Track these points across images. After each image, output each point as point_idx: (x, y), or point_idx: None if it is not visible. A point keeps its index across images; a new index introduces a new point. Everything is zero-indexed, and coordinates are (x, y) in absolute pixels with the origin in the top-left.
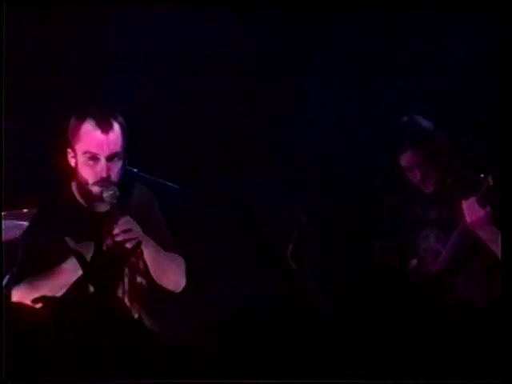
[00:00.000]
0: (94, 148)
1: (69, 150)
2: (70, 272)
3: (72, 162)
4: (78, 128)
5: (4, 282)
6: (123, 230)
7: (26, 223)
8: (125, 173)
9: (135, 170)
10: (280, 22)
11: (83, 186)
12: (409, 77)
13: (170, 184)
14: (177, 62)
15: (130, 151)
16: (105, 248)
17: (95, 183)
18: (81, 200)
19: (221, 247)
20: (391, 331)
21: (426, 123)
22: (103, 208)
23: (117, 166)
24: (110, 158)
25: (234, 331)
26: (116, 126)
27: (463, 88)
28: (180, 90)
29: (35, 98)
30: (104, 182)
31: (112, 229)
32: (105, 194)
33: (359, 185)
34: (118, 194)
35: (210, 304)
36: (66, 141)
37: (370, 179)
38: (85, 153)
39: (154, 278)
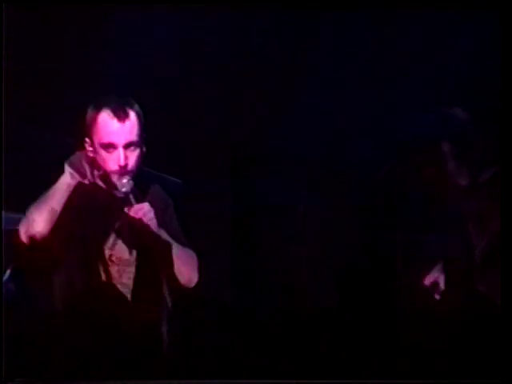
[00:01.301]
0: (111, 137)
1: (86, 140)
2: (63, 189)
3: (90, 151)
4: (94, 118)
5: (4, 279)
6: (140, 213)
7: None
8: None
9: None
10: (280, 22)
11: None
12: (408, 76)
13: (171, 178)
14: (177, 61)
15: (147, 140)
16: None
17: (113, 172)
18: (101, 184)
19: (221, 245)
20: (392, 331)
21: (463, 115)
22: (121, 195)
23: (134, 154)
24: (127, 146)
25: (234, 331)
26: (132, 115)
27: (463, 87)
28: (180, 88)
29: (35, 96)
30: (122, 170)
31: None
32: (118, 183)
33: (361, 180)
34: (132, 183)
35: (209, 303)
36: (82, 132)
37: (372, 174)
38: (102, 142)
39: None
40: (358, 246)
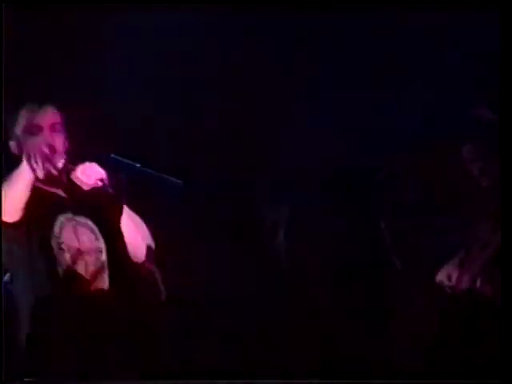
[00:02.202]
0: (34, 120)
1: (11, 143)
2: (25, 176)
3: (17, 150)
4: (15, 119)
5: (4, 279)
6: (88, 170)
7: None
8: (127, 167)
9: (138, 164)
10: (281, 22)
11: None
12: (408, 76)
13: (172, 179)
14: (178, 61)
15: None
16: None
17: (44, 156)
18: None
19: (220, 245)
20: (391, 331)
21: (491, 116)
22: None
23: (60, 136)
24: (52, 129)
25: (233, 330)
26: (49, 106)
27: (463, 86)
28: (180, 89)
29: (35, 95)
30: (51, 151)
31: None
32: (55, 161)
33: (361, 182)
34: (65, 156)
35: (207, 304)
36: (6, 137)
37: (372, 176)
38: (27, 129)
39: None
40: (357, 246)
